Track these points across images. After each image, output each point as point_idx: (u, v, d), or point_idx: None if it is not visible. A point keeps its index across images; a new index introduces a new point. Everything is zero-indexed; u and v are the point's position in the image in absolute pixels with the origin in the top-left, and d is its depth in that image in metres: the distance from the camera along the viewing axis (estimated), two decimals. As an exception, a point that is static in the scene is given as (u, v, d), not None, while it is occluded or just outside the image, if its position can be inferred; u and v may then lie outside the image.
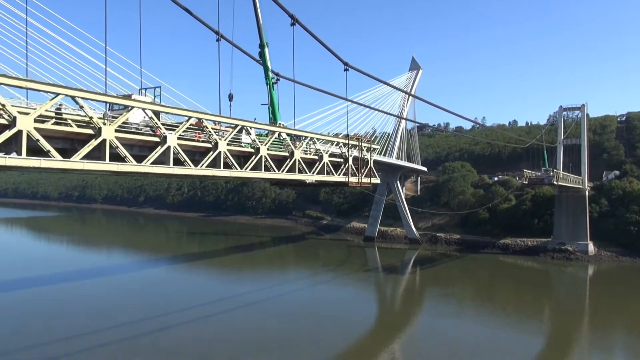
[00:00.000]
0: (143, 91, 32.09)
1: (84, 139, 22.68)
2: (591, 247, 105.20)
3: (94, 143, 22.28)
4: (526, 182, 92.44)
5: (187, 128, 27.65)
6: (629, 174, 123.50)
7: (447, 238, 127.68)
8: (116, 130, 23.30)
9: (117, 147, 23.20)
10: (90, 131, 22.71)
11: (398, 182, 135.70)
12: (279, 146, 35.15)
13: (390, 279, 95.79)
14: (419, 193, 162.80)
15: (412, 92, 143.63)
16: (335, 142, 39.11)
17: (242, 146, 32.10)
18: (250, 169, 30.93)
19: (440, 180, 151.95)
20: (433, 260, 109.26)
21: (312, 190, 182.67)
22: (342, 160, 40.43)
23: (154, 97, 31.14)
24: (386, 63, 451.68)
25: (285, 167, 33.98)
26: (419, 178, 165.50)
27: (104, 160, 22.71)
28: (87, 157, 22.22)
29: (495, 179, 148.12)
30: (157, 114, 26.53)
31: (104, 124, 22.98)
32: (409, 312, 73.31)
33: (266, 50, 43.21)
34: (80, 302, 65.83)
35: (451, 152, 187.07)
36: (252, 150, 32.01)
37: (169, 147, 25.91)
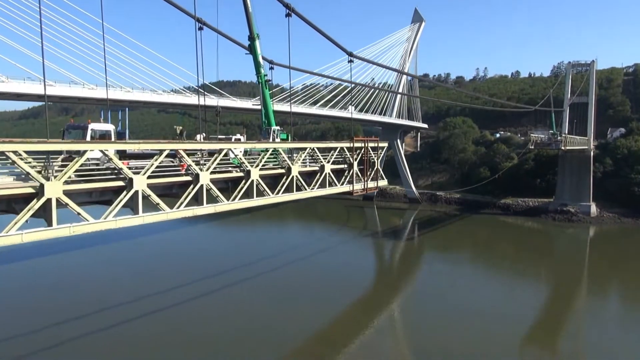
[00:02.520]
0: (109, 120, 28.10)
1: (25, 197, 18.62)
2: (593, 208, 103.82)
3: (35, 205, 18.25)
4: (532, 147, 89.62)
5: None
6: (634, 132, 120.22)
7: (447, 197, 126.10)
8: (66, 182, 19.24)
9: (67, 204, 19.42)
10: (30, 189, 18.54)
11: (398, 140, 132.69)
12: (273, 160, 31.14)
13: (390, 241, 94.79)
14: (418, 149, 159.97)
15: (415, 45, 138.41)
16: (338, 149, 35.26)
17: (229, 169, 28.03)
18: (240, 198, 27.22)
19: (440, 137, 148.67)
20: (433, 221, 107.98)
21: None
22: (345, 166, 36.73)
23: (119, 120, 27.28)
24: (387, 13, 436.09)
25: (282, 186, 30.24)
26: (419, 133, 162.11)
27: (51, 223, 18.73)
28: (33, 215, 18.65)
29: (498, 135, 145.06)
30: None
31: (47, 179, 18.60)
32: (408, 276, 72.93)
33: (257, 42, 38.49)
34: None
35: (452, 106, 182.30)
36: (241, 174, 27.99)
37: (136, 192, 21.78)
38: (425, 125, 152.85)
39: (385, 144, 42.17)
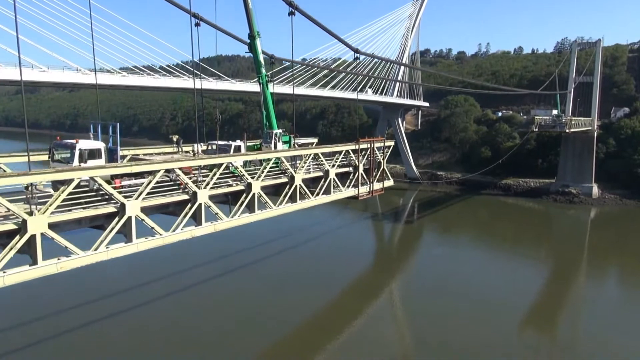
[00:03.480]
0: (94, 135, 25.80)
1: (8, 233, 17.35)
2: (595, 190, 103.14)
3: (17, 244, 16.98)
4: (536, 130, 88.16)
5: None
6: (639, 112, 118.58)
7: (447, 177, 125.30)
8: (52, 214, 18.00)
9: (53, 238, 18.25)
10: (11, 225, 17.34)
11: (399, 119, 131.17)
12: (275, 168, 29.83)
13: (390, 224, 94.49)
14: (419, 127, 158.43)
15: (417, 22, 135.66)
16: (343, 152, 33.91)
17: (228, 183, 26.59)
18: (242, 212, 26.00)
19: (442, 116, 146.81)
20: (433, 202, 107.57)
21: (310, 121, 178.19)
22: (350, 169, 35.47)
23: (110, 135, 25.54)
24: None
25: (285, 196, 29.02)
26: (419, 111, 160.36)
27: (36, 260, 17.46)
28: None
29: (499, 114, 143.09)
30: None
31: (31, 213, 17.31)
32: (407, 261, 73.14)
33: (257, 41, 36.78)
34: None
35: (454, 83, 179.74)
36: (242, 187, 26.58)
37: (129, 218, 20.45)
38: (427, 104, 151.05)
39: (392, 143, 40.86)
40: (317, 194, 31.68)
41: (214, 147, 33.52)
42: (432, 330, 46.08)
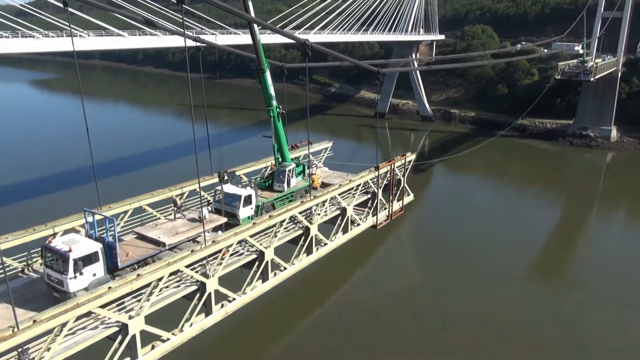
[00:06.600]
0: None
1: None
2: (614, 133, 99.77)
3: None
4: (558, 77, 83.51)
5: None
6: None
7: (461, 116, 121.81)
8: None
9: None
10: None
11: (413, 54, 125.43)
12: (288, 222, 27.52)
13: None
14: (433, 59, 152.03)
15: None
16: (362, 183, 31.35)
17: (238, 252, 24.34)
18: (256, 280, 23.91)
19: (457, 48, 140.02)
20: (445, 144, 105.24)
21: (319, 53, 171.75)
22: (368, 196, 33.02)
23: (106, 229, 21.83)
24: None
25: (300, 248, 26.89)
26: (434, 42, 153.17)
27: None
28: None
29: (519, 46, 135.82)
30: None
31: None
32: (414, 208, 72.12)
33: (267, 74, 34.22)
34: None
35: (471, 9, 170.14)
36: (254, 255, 24.50)
37: (134, 336, 18.71)
38: (442, 37, 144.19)
39: (413, 156, 38.11)
40: (335, 233, 29.63)
41: (226, 185, 30.35)
42: (439, 283, 44.97)
